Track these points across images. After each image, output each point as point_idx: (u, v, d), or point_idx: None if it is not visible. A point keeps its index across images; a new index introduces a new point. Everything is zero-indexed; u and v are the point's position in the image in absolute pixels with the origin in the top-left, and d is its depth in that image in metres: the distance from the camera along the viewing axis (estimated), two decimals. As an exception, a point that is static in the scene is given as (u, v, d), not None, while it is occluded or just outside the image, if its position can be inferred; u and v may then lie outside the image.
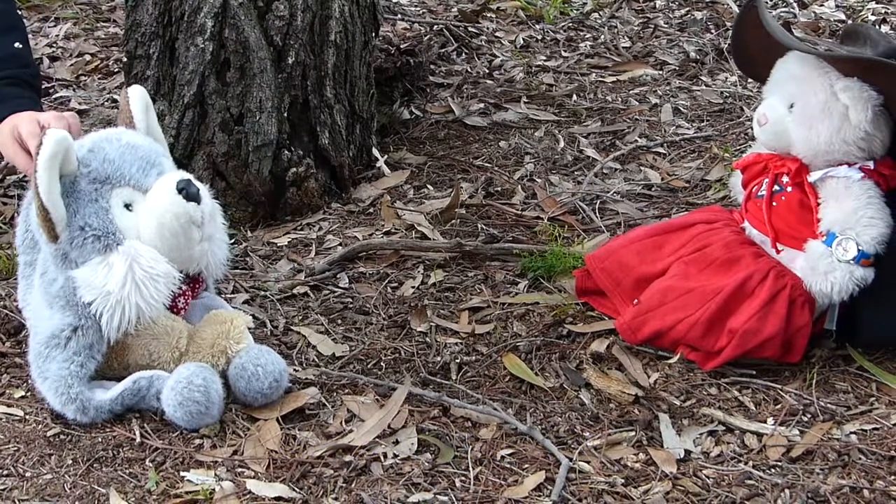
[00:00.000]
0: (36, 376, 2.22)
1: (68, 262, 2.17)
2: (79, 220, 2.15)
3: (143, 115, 2.31)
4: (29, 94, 2.64)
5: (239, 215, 3.04)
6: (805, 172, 2.39)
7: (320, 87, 3.10)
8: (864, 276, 2.31)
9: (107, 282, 2.13)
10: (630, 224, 2.98)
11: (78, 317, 2.16)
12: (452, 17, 4.58)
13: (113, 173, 2.19)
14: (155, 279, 2.15)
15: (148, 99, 2.34)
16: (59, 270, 2.19)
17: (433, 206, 3.11)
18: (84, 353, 2.17)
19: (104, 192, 2.18)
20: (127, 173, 2.20)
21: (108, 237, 2.15)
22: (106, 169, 2.19)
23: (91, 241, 2.15)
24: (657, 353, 2.44)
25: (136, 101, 2.31)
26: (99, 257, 2.15)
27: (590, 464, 2.11)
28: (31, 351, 2.24)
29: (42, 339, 2.20)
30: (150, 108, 2.34)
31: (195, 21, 2.95)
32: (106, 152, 2.21)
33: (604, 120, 3.68)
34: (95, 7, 4.69)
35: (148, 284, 2.14)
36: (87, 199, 2.17)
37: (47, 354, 2.18)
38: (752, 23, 2.47)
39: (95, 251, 2.15)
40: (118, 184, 2.19)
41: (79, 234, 2.15)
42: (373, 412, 2.25)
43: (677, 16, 4.62)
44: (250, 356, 2.24)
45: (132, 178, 2.20)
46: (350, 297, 2.70)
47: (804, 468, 2.10)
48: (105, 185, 2.18)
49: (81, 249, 2.15)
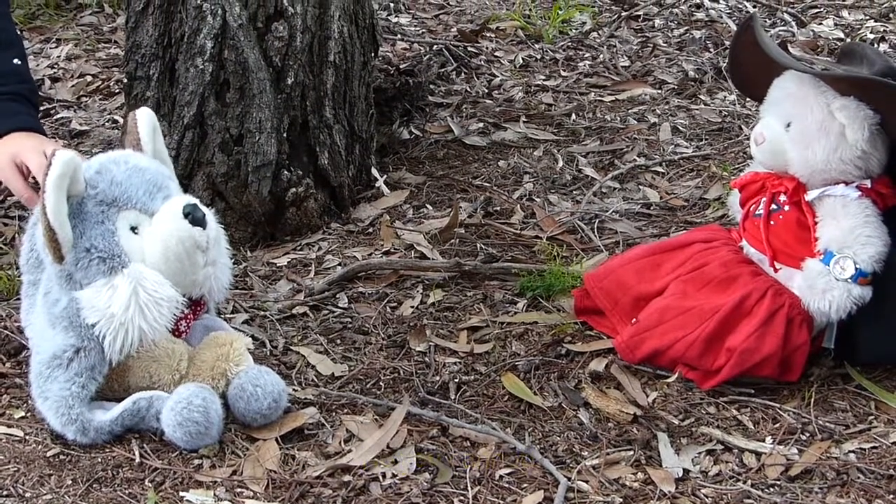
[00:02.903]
0: (36, 396, 2.22)
1: (73, 283, 2.17)
2: (85, 242, 2.16)
3: (151, 137, 2.32)
4: (28, 110, 2.66)
5: (238, 235, 3.04)
6: (802, 191, 2.39)
7: (319, 108, 3.11)
8: (861, 294, 2.32)
9: (111, 304, 2.13)
10: (629, 243, 2.98)
11: (81, 338, 2.17)
12: (452, 36, 4.59)
13: (120, 196, 2.19)
14: (159, 303, 2.15)
15: (155, 121, 2.34)
16: (63, 291, 2.19)
17: (432, 225, 3.12)
18: (86, 374, 2.18)
19: (111, 215, 2.18)
20: (133, 196, 2.20)
21: (113, 259, 2.16)
22: (113, 191, 2.19)
23: (96, 262, 2.15)
24: (656, 372, 2.44)
25: (144, 124, 2.31)
26: (104, 279, 2.15)
27: (588, 483, 2.11)
28: (33, 370, 2.24)
29: (44, 359, 2.20)
30: (158, 130, 2.35)
31: (195, 42, 2.97)
32: (113, 174, 2.21)
33: (602, 139, 3.69)
34: (96, 28, 4.71)
35: (152, 308, 2.14)
36: (94, 221, 2.17)
37: (49, 375, 2.19)
38: (748, 42, 2.48)
39: (100, 273, 2.15)
40: (125, 206, 2.19)
41: (84, 255, 2.15)
42: (372, 432, 2.25)
43: (676, 35, 4.63)
44: (249, 376, 2.25)
45: (139, 201, 2.21)
46: (349, 317, 2.70)
47: (803, 487, 2.10)
48: (112, 207, 2.18)
49: (87, 271, 2.16)
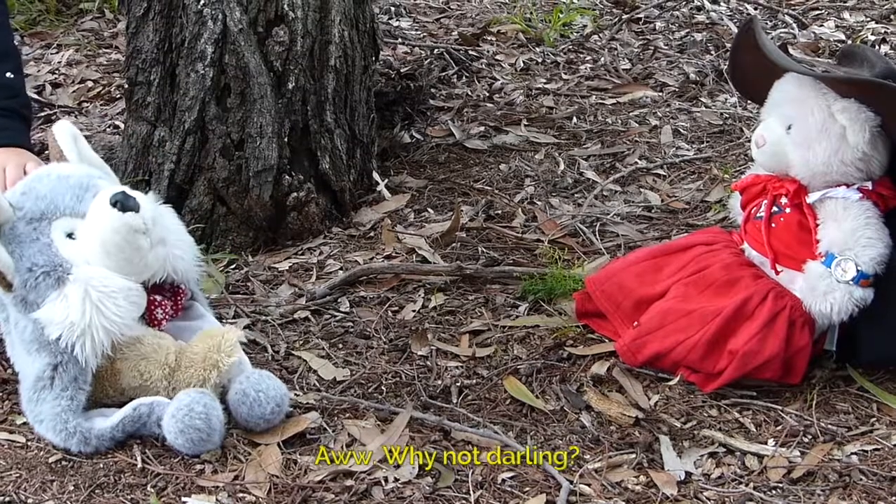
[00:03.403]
0: (33, 422, 2.24)
1: (29, 305, 2.19)
2: (25, 262, 2.19)
3: (72, 145, 2.36)
4: (16, 125, 2.65)
5: (240, 240, 3.05)
6: (804, 193, 2.39)
7: (320, 112, 3.11)
8: (863, 296, 2.32)
9: (67, 314, 2.14)
10: (630, 246, 2.98)
11: (53, 355, 2.17)
12: (453, 40, 4.59)
13: (46, 208, 2.24)
14: (112, 296, 2.16)
15: (74, 130, 2.39)
16: (23, 316, 2.20)
17: (434, 229, 3.12)
18: (71, 386, 2.18)
19: (42, 229, 2.22)
20: (61, 204, 2.24)
21: (56, 270, 2.18)
22: (39, 206, 2.24)
23: (42, 278, 2.17)
24: (657, 375, 2.44)
25: (62, 135, 2.36)
26: (55, 292, 2.16)
27: (591, 486, 2.11)
28: (23, 399, 2.26)
29: (29, 385, 2.22)
30: (79, 136, 2.39)
31: (195, 47, 2.97)
32: (37, 190, 2.27)
33: (604, 142, 3.69)
34: (97, 34, 4.71)
35: (107, 303, 2.15)
36: (29, 240, 2.21)
37: (37, 398, 2.20)
38: (749, 44, 2.48)
39: (49, 287, 2.17)
40: (54, 216, 2.23)
41: (29, 275, 2.18)
42: (374, 436, 2.25)
43: (677, 37, 4.63)
44: (251, 381, 2.24)
45: (66, 207, 2.24)
46: (351, 322, 2.70)
47: (805, 489, 2.10)
48: (42, 221, 2.22)
49: (36, 290, 2.18)
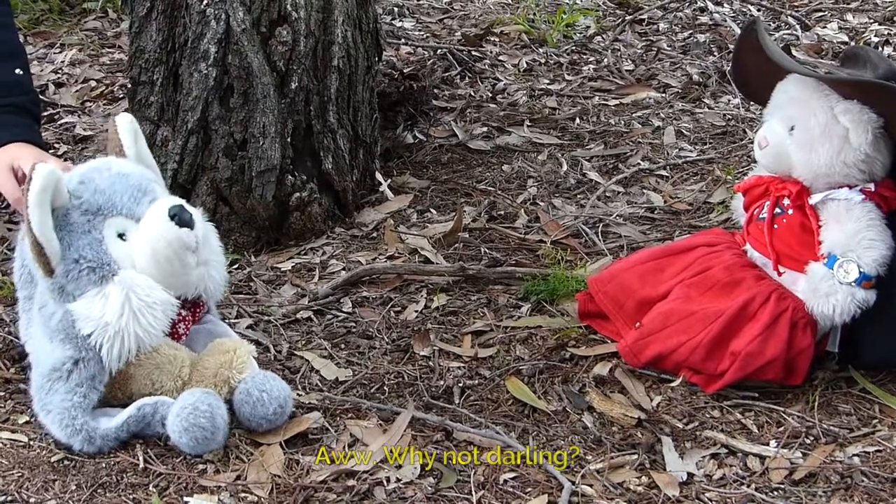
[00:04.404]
0: (39, 409, 2.23)
1: (65, 295, 2.17)
2: (73, 253, 2.16)
3: (133, 142, 2.31)
4: (28, 122, 2.66)
5: (242, 240, 3.05)
6: (806, 195, 2.39)
7: (323, 112, 3.11)
8: (865, 298, 2.32)
9: (104, 313, 2.13)
10: (633, 247, 2.98)
11: (78, 349, 2.16)
12: (456, 41, 4.59)
13: (104, 204, 2.19)
14: (152, 307, 2.15)
15: (136, 126, 2.34)
16: (56, 304, 2.19)
17: (436, 229, 3.12)
18: (86, 384, 2.17)
19: (97, 224, 2.18)
20: (118, 203, 2.20)
21: (103, 268, 2.16)
22: (97, 200, 2.19)
23: (86, 273, 2.15)
24: (660, 376, 2.44)
25: (125, 129, 2.31)
26: (95, 289, 2.15)
27: (592, 487, 2.11)
28: (34, 384, 2.24)
29: (44, 372, 2.20)
30: (140, 135, 2.34)
31: (198, 47, 2.97)
32: (97, 183, 2.21)
33: (606, 143, 3.69)
34: (100, 33, 4.71)
35: (145, 313, 2.14)
36: (81, 231, 2.17)
37: (49, 387, 2.19)
38: (751, 46, 2.48)
39: (91, 283, 2.15)
40: (110, 214, 2.19)
41: (74, 266, 2.15)
42: (376, 436, 2.25)
43: (680, 38, 4.63)
44: (255, 382, 2.24)
45: (124, 207, 2.21)
46: (353, 322, 2.70)
47: (807, 491, 2.10)
48: (97, 216, 2.19)
49: (77, 282, 2.16)
